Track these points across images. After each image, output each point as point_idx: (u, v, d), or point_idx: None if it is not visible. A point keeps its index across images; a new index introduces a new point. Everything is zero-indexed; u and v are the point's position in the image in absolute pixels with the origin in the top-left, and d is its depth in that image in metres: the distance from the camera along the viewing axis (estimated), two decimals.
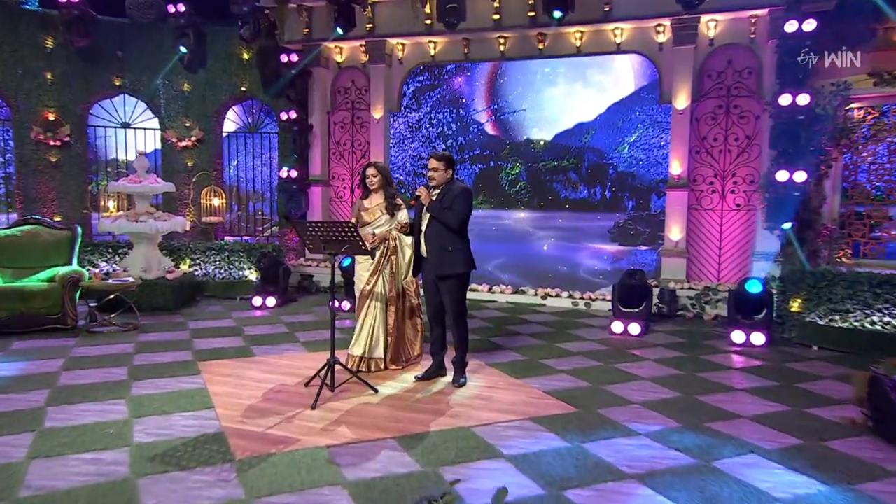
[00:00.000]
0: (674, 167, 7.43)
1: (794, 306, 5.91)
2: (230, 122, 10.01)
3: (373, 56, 8.63)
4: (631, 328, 6.18)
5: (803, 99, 6.21)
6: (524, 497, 2.93)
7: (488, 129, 8.65)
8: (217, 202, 9.50)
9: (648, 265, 7.83)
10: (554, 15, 7.10)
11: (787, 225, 6.43)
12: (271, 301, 7.27)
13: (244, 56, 9.39)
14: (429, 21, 8.06)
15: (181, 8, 8.66)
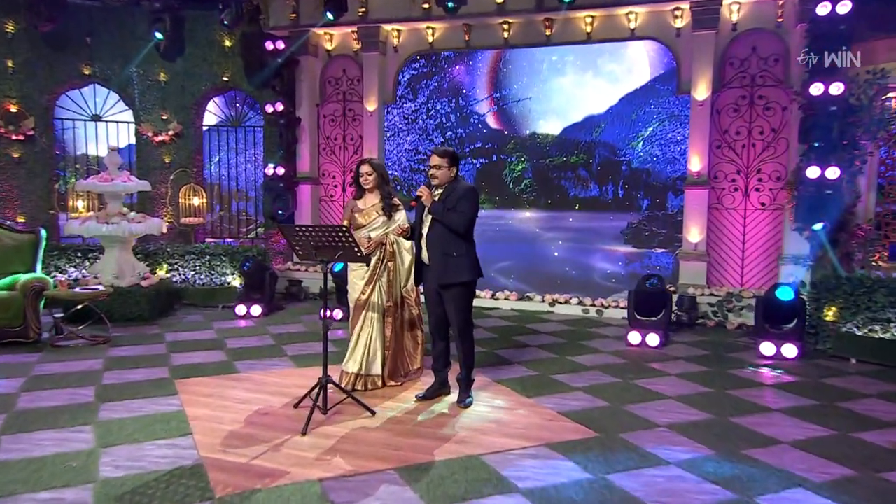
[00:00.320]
0: (693, 163, 7.29)
1: (829, 315, 5.73)
2: (211, 115, 9.90)
3: (366, 43, 8.49)
4: (649, 339, 6.04)
5: (836, 88, 6.04)
6: None
7: (491, 122, 8.49)
8: (197, 202, 9.41)
9: (665, 269, 7.71)
10: None
11: (819, 226, 6.27)
12: (256, 310, 7.14)
13: (226, 43, 9.26)
14: (426, 5, 7.94)
15: None
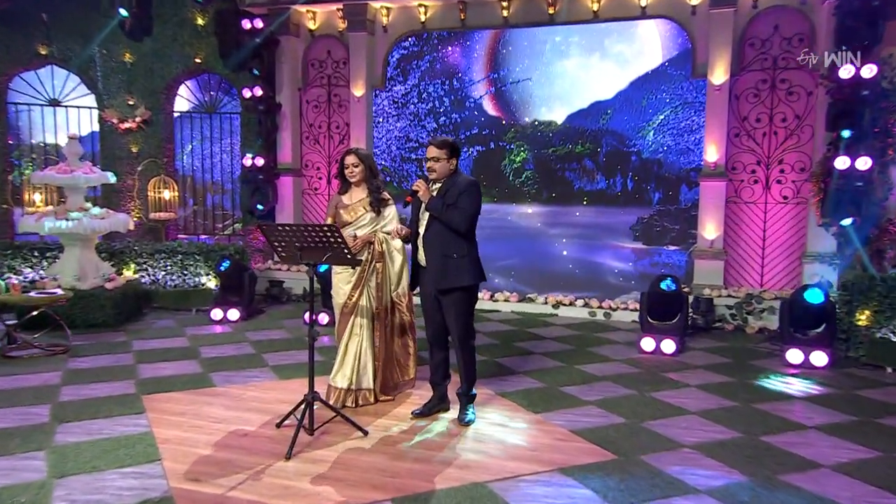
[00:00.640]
0: (709, 153, 7.17)
1: (862, 319, 5.59)
2: (182, 101, 9.73)
3: (352, 22, 8.34)
4: (664, 345, 5.91)
5: (868, 71, 5.90)
6: None
7: (488, 109, 8.38)
8: (168, 195, 9.24)
9: (677, 268, 7.62)
10: None
11: (847, 221, 6.12)
12: (234, 314, 7.00)
13: (198, 21, 9.07)
14: None
15: None
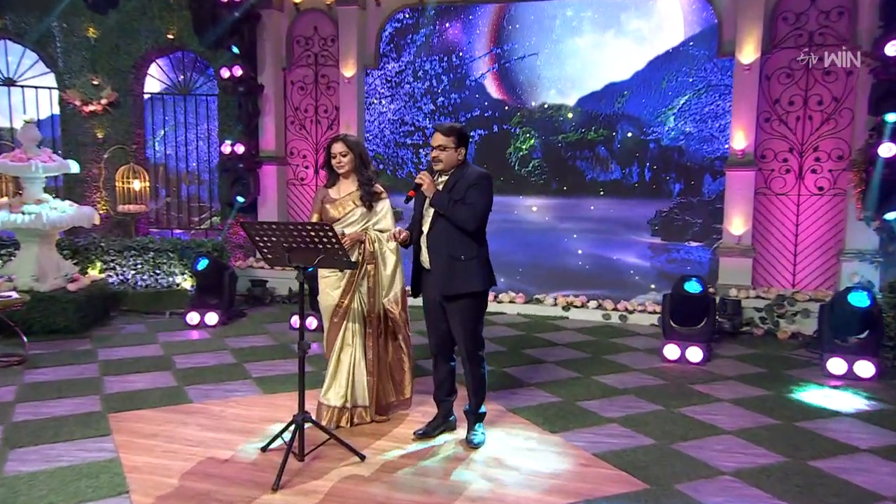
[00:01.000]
0: (736, 140, 7.07)
1: None
2: (154, 81, 9.60)
3: None
4: (690, 353, 5.78)
5: None
6: None
7: (492, 91, 8.27)
8: (138, 186, 9.06)
9: (699, 266, 7.54)
10: None
11: (892, 215, 6.01)
12: (212, 318, 6.91)
13: None
14: None
15: None
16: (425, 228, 3.95)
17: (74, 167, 6.99)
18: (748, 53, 6.95)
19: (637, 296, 7.60)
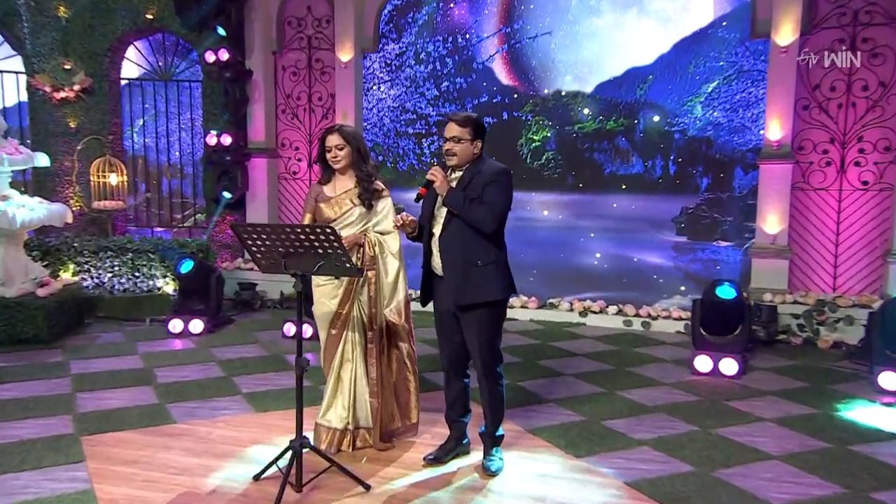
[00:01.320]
0: (771, 129, 6.95)
1: None
2: (131, 66, 9.49)
3: None
4: (723, 366, 5.68)
5: None
6: None
7: (501, 76, 8.21)
8: (115, 180, 8.90)
9: (729, 267, 7.46)
10: None
11: None
12: (197, 325, 6.87)
13: None
14: None
15: None
16: (437, 230, 3.84)
17: (44, 160, 6.94)
18: (785, 34, 6.80)
19: (660, 300, 7.56)
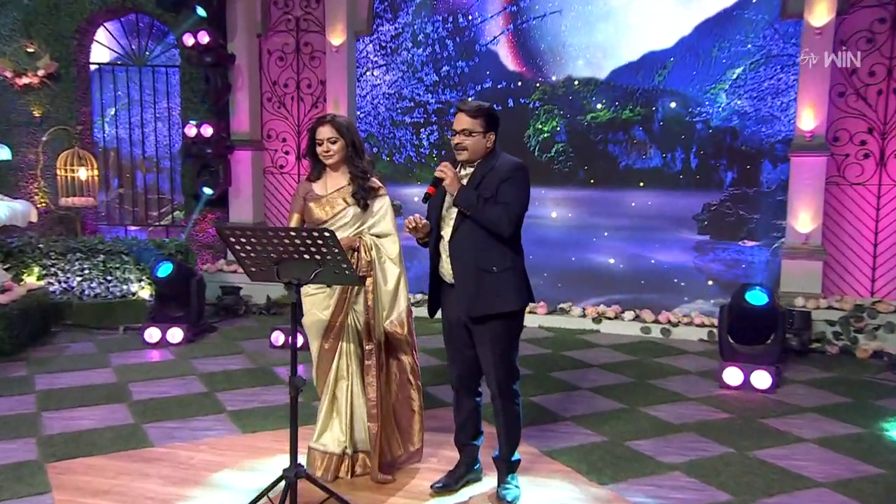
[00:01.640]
0: (804, 119, 6.92)
1: None
2: (102, 49, 9.44)
3: None
4: (755, 378, 5.62)
5: None
6: None
7: (506, 61, 8.24)
8: (84, 174, 8.78)
9: (755, 269, 7.49)
10: None
11: None
12: (176, 334, 6.84)
13: None
14: None
15: None
16: (446, 233, 3.76)
17: (5, 153, 7.10)
18: (820, 14, 6.75)
19: (680, 305, 7.57)
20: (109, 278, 7.49)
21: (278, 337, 6.63)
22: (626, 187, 7.90)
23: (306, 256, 3.27)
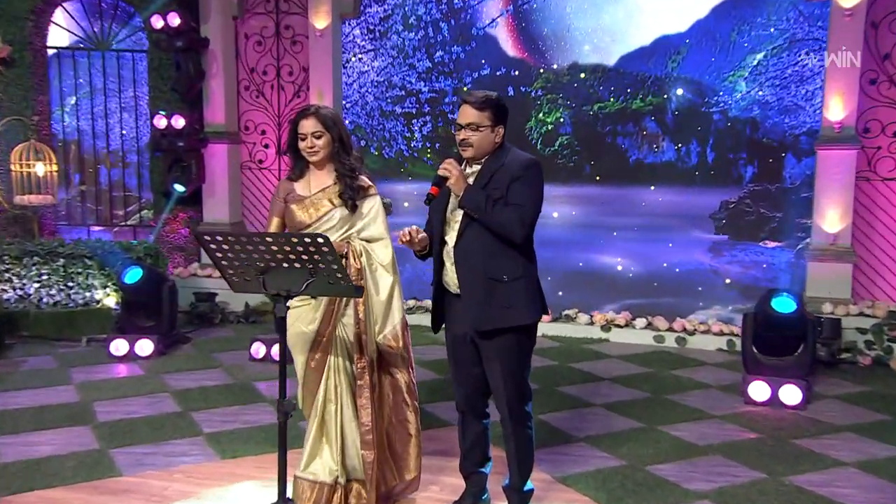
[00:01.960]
0: (832, 108, 6.88)
1: None
2: (61, 32, 9.35)
3: None
4: (784, 394, 5.56)
5: None
6: None
7: (506, 46, 8.24)
8: (42, 170, 8.69)
9: (777, 272, 7.49)
10: None
11: None
12: (145, 346, 6.79)
13: None
14: None
15: None
16: (450, 238, 3.69)
17: None
18: None
19: (696, 311, 7.58)
20: (71, 284, 7.45)
21: (259, 348, 6.56)
22: (637, 184, 7.92)
23: (297, 265, 3.16)
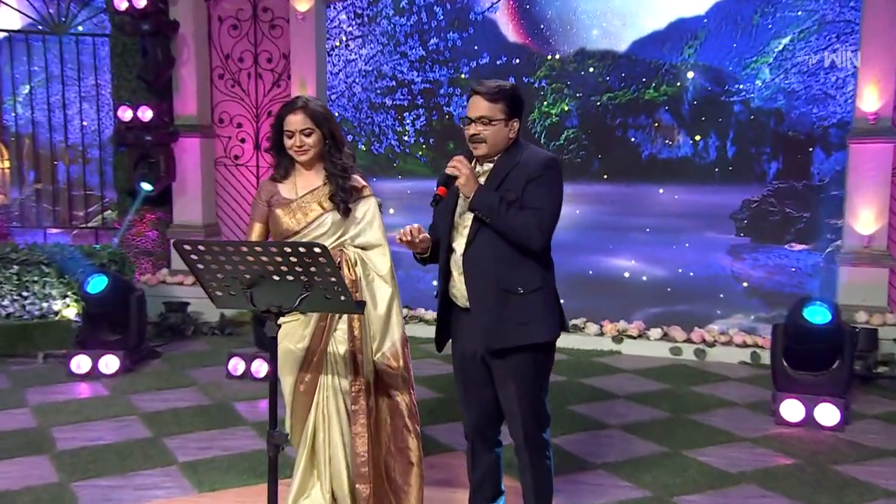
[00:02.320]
0: (865, 98, 6.87)
1: None
2: (11, 13, 9.45)
3: None
4: (819, 413, 5.51)
5: None
6: None
7: (507, 31, 8.29)
8: None
9: (805, 278, 7.50)
10: None
11: None
12: (111, 363, 6.76)
13: None
14: None
15: None
16: (459, 245, 3.61)
17: None
18: None
19: (716, 321, 7.61)
20: (25, 294, 7.44)
21: (237, 364, 6.51)
22: (650, 181, 7.96)
23: (289, 277, 3.06)
